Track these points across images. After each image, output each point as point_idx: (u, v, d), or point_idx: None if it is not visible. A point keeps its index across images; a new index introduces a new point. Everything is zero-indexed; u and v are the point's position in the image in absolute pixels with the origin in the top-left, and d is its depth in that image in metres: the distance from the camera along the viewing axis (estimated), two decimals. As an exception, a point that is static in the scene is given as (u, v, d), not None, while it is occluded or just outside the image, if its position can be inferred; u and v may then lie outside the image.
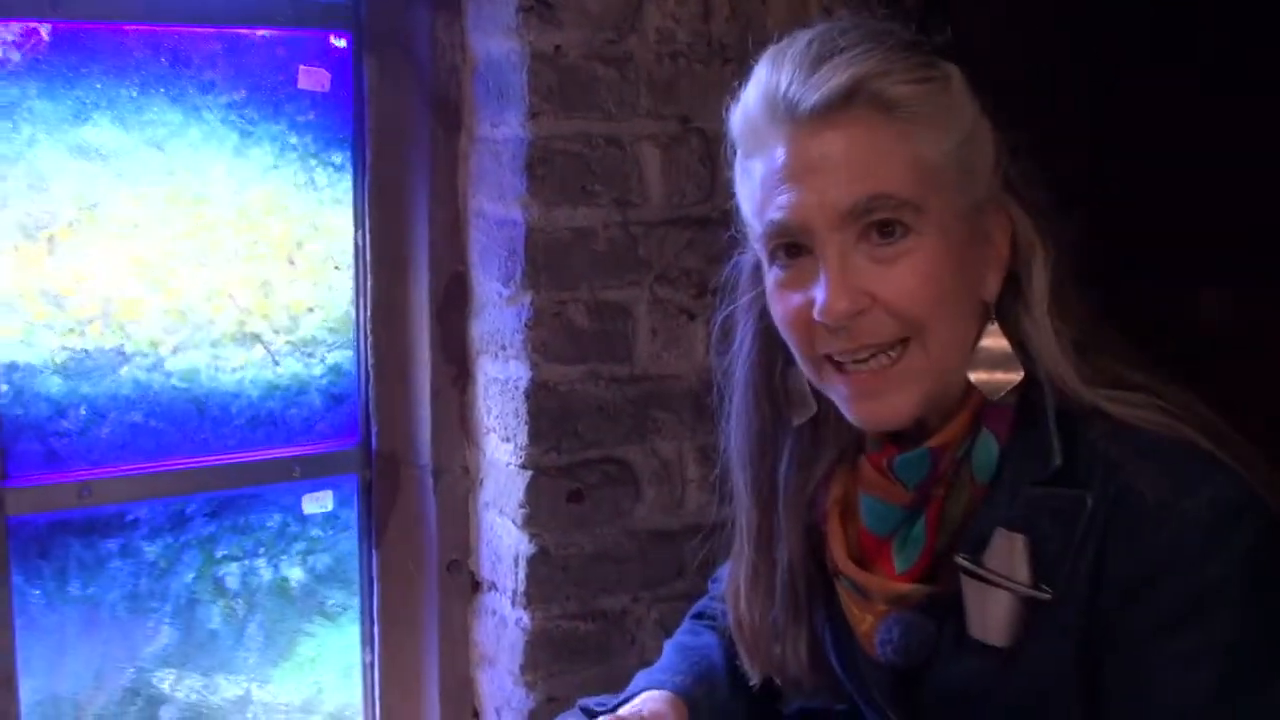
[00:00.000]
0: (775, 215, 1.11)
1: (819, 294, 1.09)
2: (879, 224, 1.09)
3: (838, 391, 1.15)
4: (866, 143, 1.08)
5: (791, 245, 1.12)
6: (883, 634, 1.17)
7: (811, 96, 1.08)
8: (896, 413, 1.13)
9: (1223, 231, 1.78)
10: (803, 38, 1.12)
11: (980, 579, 1.11)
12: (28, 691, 1.71)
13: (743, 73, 1.17)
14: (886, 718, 1.24)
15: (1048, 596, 1.08)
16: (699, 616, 1.48)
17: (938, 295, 1.10)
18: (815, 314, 1.10)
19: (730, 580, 1.34)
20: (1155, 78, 1.78)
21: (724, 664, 1.39)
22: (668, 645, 1.45)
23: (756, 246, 1.18)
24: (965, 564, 1.11)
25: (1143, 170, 1.76)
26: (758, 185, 1.13)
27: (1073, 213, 1.17)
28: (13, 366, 1.66)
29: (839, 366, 1.13)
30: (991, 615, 1.11)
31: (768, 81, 1.11)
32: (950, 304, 1.11)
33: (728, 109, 1.17)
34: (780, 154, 1.10)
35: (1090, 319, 1.16)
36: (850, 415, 1.15)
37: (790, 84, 1.09)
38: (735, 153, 1.18)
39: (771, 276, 1.16)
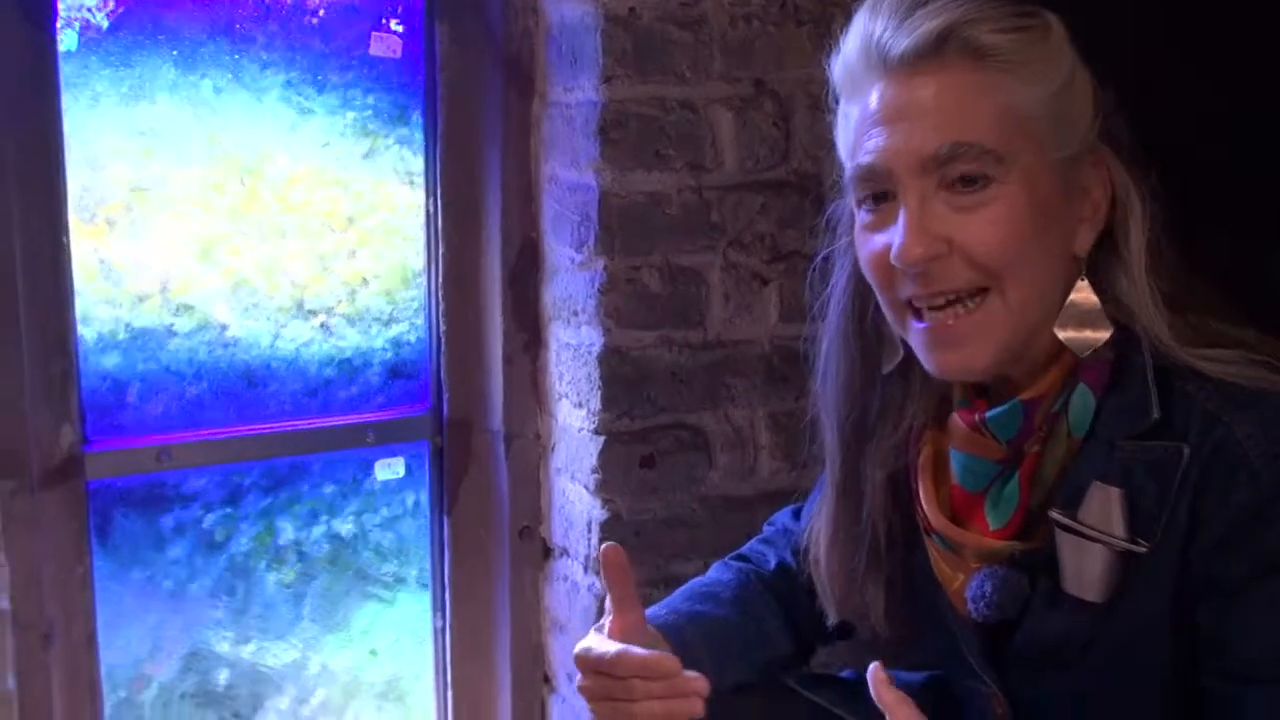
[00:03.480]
0: (862, 159, 1.12)
1: (896, 238, 1.10)
2: (962, 175, 1.08)
3: (916, 338, 1.15)
4: (955, 90, 1.08)
5: (879, 191, 1.12)
6: (974, 590, 1.17)
7: (903, 43, 1.09)
8: (972, 363, 1.13)
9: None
10: None
11: (1076, 533, 1.10)
12: (108, 654, 1.73)
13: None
14: (974, 675, 1.24)
15: (1144, 549, 1.08)
16: (738, 557, 1.49)
17: (1018, 247, 1.09)
18: (891, 258, 1.10)
19: (813, 521, 1.34)
20: (1240, 24, 1.74)
21: (733, 595, 1.39)
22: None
23: (849, 190, 1.18)
24: (1060, 519, 1.11)
25: (1220, 123, 1.73)
26: (852, 130, 1.14)
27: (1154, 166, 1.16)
28: (94, 337, 1.67)
29: (918, 313, 1.13)
30: (1087, 570, 1.10)
31: (865, 29, 1.12)
32: (1033, 256, 1.10)
33: (829, 57, 1.18)
34: (873, 100, 1.11)
35: (1185, 274, 1.15)
36: (927, 364, 1.15)
37: (885, 31, 1.10)
38: (837, 100, 1.19)
39: (859, 220, 1.16)
